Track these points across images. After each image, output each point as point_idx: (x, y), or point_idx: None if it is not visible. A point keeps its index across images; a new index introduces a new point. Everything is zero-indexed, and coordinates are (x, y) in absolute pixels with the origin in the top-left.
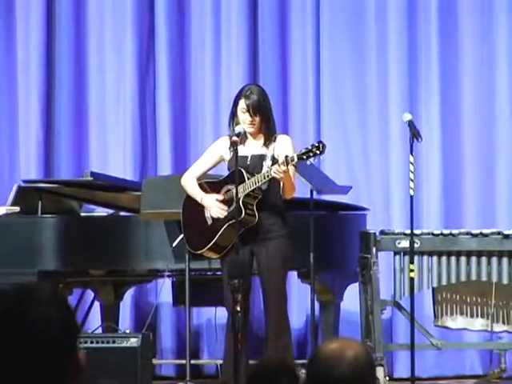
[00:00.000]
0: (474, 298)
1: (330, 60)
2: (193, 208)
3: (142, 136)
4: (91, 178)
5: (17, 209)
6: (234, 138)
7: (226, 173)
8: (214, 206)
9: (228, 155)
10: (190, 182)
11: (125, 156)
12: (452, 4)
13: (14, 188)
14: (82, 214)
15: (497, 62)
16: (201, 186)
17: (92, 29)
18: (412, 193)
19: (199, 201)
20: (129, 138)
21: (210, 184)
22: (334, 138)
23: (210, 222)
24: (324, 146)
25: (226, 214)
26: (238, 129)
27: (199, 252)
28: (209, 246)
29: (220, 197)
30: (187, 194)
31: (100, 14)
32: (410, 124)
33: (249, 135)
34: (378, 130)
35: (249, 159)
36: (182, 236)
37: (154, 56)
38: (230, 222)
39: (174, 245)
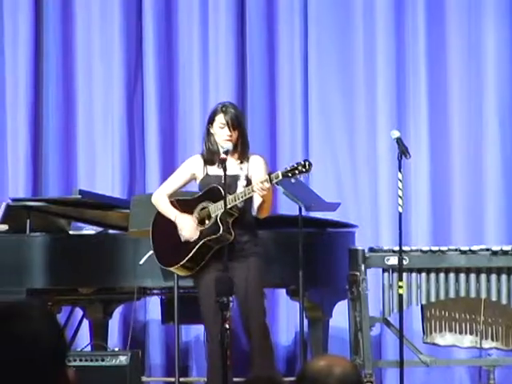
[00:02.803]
0: (463, 315)
1: (317, 77)
2: (165, 224)
3: (130, 153)
4: (79, 196)
5: (5, 227)
6: (223, 156)
7: (196, 190)
8: (186, 228)
9: (200, 174)
10: (161, 200)
11: (113, 174)
12: (440, 15)
13: (3, 206)
14: (71, 232)
15: (485, 77)
16: (171, 203)
17: (80, 49)
18: (400, 210)
19: (173, 219)
20: (117, 155)
21: (182, 201)
22: (322, 155)
23: (183, 238)
24: (310, 165)
25: (196, 238)
26: (226, 146)
27: (171, 268)
28: (182, 262)
29: (195, 219)
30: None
31: (87, 30)
32: (399, 141)
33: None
34: (367, 147)
35: (222, 179)
36: (150, 253)
37: (142, 74)
38: (208, 239)
39: (141, 262)
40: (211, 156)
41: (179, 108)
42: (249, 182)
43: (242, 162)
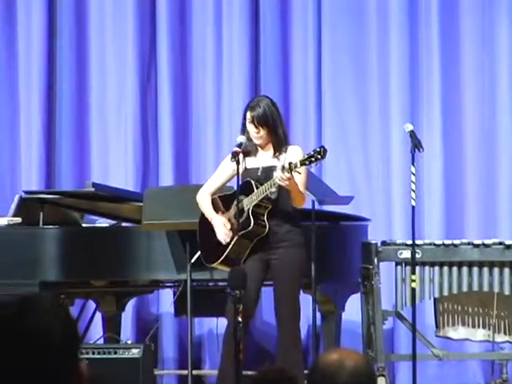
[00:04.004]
0: (476, 309)
1: (331, 70)
2: (207, 222)
3: (143, 146)
4: (93, 189)
5: (18, 220)
6: (236, 149)
7: None
8: (219, 230)
9: (240, 169)
10: (203, 200)
11: (126, 166)
12: (454, 12)
13: (16, 199)
14: (84, 225)
15: (498, 71)
16: (214, 201)
17: (94, 40)
18: (413, 203)
19: (210, 220)
20: (130, 148)
21: (223, 197)
22: (335, 148)
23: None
24: (325, 151)
25: (228, 240)
26: (239, 140)
27: (213, 265)
28: (221, 259)
29: (228, 224)
30: None
31: (101, 26)
32: (412, 134)
33: (259, 147)
34: (380, 141)
35: (260, 171)
36: (200, 252)
37: (156, 66)
38: (240, 233)
39: (192, 261)
40: (248, 149)
41: (193, 100)
42: None
43: (279, 154)
